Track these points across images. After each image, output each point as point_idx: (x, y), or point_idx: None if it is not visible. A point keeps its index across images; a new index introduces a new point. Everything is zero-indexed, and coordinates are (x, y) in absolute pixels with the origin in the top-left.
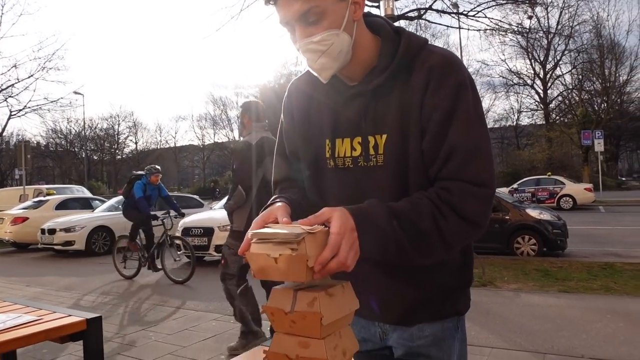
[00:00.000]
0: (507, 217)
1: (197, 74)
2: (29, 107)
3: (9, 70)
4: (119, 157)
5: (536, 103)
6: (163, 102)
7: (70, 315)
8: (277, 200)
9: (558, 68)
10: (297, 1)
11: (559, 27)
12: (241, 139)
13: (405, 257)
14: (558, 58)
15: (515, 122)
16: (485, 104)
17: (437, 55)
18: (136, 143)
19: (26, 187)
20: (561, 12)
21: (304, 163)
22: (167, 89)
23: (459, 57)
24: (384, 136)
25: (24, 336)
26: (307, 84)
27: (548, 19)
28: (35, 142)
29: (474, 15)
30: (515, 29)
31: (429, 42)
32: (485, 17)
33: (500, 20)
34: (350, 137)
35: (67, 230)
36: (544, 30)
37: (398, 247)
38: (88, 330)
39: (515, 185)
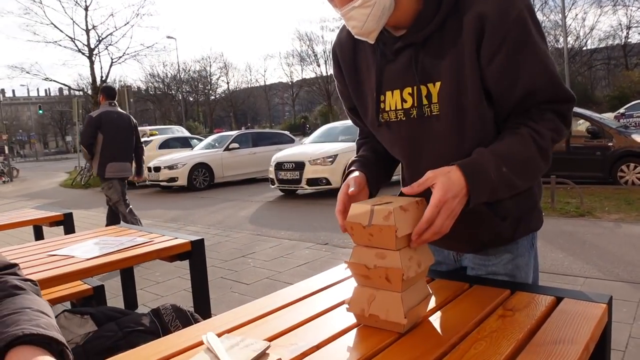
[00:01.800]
0: (610, 144)
1: (283, 10)
2: (128, 54)
3: (107, 19)
4: (212, 97)
5: None
6: (251, 41)
7: (176, 238)
8: (353, 167)
9: None
10: None
11: None
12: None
13: (515, 190)
14: None
15: (623, 40)
16: (589, 21)
17: None
18: (228, 83)
19: None
20: None
21: (363, 119)
22: (255, 27)
23: None
24: (437, 84)
25: (139, 254)
26: (350, 39)
27: None
28: (136, 87)
29: None
30: None
31: None
32: None
33: None
34: (400, 88)
35: (170, 167)
36: None
37: (509, 188)
38: (193, 250)
39: (622, 110)
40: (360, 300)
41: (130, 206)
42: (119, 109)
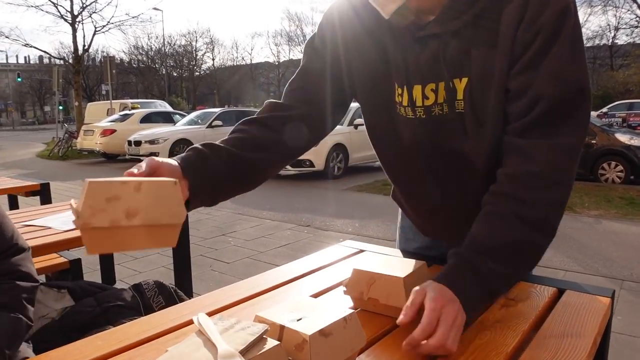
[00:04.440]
0: (593, 142)
1: None
2: (112, 23)
3: None
4: (197, 73)
5: (637, 19)
6: (239, 18)
7: None
8: (182, 156)
9: None
10: None
11: None
12: None
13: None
14: None
15: (610, 41)
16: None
17: None
18: (213, 60)
19: (112, 101)
20: None
21: (369, 113)
22: (244, 4)
23: None
24: (464, 80)
25: None
26: (359, 13)
27: None
28: (119, 58)
29: None
30: None
31: None
32: None
33: None
34: (423, 83)
35: (151, 142)
36: None
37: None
38: None
39: (604, 109)
40: (359, 283)
41: None
42: None
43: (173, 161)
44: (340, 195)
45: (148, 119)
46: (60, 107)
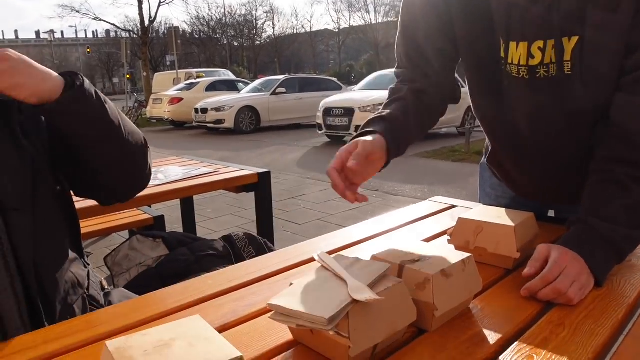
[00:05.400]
0: None
1: None
2: None
3: None
4: (257, 42)
5: None
6: None
7: (243, 169)
8: (374, 128)
9: None
10: None
11: None
12: None
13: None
14: None
15: None
16: None
17: None
18: (273, 28)
19: (178, 71)
20: None
21: (466, 63)
22: None
23: None
24: (574, 39)
25: (207, 183)
26: None
27: None
28: (181, 30)
29: None
30: None
31: None
32: None
33: None
34: (529, 40)
35: (217, 109)
36: None
37: (632, 239)
38: (259, 182)
39: None
40: (465, 232)
41: None
42: None
43: (379, 138)
44: (408, 161)
45: (213, 87)
46: (128, 78)
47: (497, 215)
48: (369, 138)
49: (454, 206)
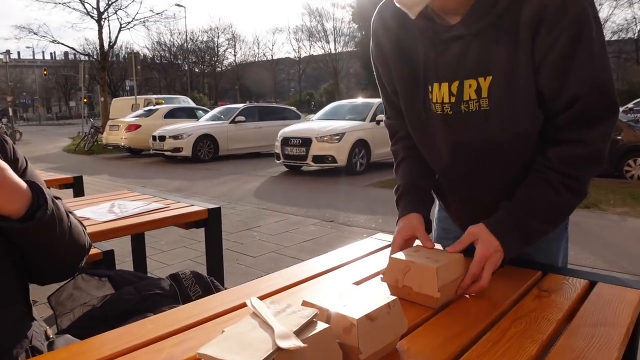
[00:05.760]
0: (618, 137)
1: None
2: (137, 20)
3: None
4: (218, 69)
5: None
6: (261, 13)
7: (192, 205)
8: (407, 208)
9: None
10: None
11: None
12: None
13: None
14: None
15: (636, 34)
16: (603, 13)
17: None
18: (235, 55)
19: (137, 97)
20: None
21: (405, 110)
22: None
23: None
24: (488, 78)
25: (156, 219)
26: (396, 20)
27: None
28: (142, 54)
29: None
30: None
31: None
32: None
33: None
34: (449, 81)
35: (175, 137)
36: None
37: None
38: (209, 218)
39: (630, 105)
40: (394, 271)
41: None
42: None
43: (416, 216)
44: (363, 191)
45: (172, 114)
46: (85, 102)
47: (426, 255)
48: (411, 219)
49: None
